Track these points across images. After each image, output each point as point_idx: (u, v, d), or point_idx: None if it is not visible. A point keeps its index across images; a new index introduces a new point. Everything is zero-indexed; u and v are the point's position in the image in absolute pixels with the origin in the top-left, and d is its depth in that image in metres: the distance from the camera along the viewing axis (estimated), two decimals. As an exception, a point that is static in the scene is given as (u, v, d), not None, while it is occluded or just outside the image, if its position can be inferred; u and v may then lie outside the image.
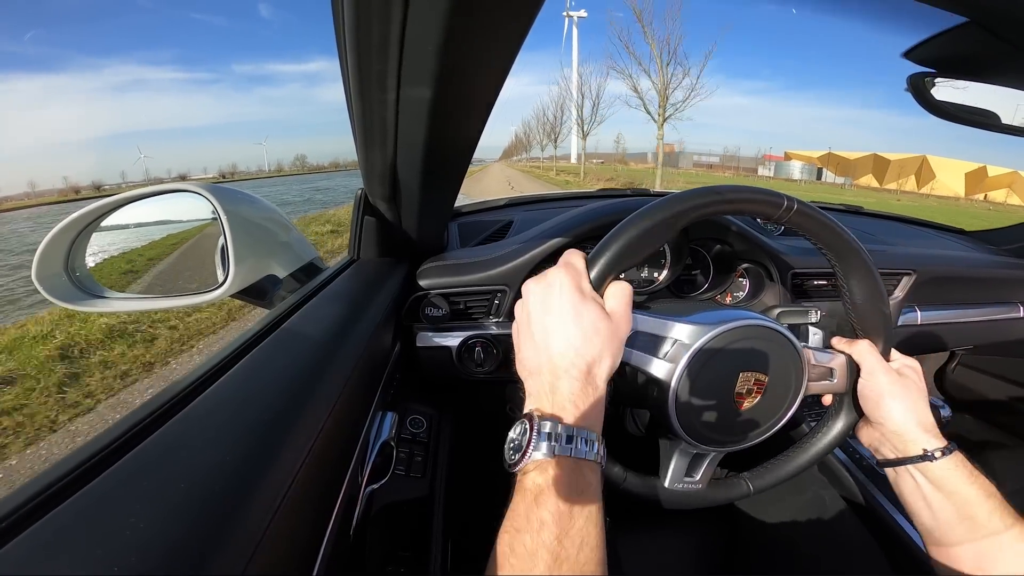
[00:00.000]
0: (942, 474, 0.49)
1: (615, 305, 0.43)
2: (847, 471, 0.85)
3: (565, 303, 0.41)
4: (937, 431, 0.52)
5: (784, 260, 0.85)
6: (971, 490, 0.48)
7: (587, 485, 0.35)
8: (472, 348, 0.79)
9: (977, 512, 0.47)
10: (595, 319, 0.40)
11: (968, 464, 0.50)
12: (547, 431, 0.35)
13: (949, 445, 0.51)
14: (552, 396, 0.38)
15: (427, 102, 0.37)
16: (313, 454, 0.33)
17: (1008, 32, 0.58)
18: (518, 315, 0.45)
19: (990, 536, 0.46)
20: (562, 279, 0.42)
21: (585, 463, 0.36)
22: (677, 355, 0.49)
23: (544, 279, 0.44)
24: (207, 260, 0.71)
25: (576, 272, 0.43)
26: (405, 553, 0.61)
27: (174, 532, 0.23)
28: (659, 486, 0.55)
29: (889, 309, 0.54)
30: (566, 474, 0.34)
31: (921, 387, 0.54)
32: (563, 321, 0.40)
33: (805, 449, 0.58)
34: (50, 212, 33.06)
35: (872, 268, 0.52)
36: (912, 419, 0.52)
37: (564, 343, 0.39)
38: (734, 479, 0.58)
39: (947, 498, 0.49)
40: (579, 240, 0.80)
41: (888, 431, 0.53)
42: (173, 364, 3.17)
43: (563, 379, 0.38)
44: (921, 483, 0.51)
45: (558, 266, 0.44)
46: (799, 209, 0.48)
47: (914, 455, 0.51)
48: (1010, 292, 1.12)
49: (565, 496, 0.33)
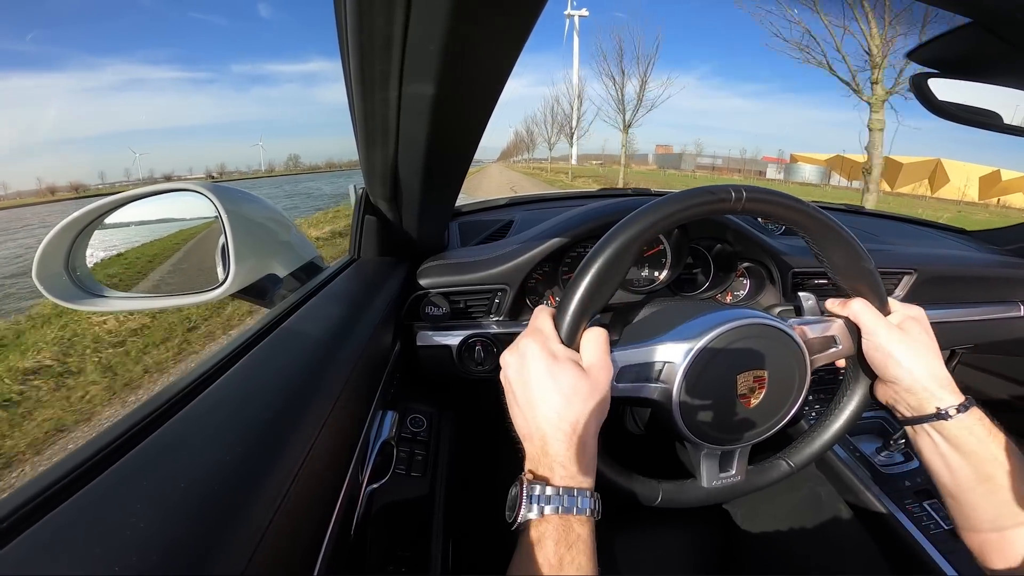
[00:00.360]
0: (958, 432, 0.48)
1: (591, 356, 0.44)
2: (845, 467, 0.85)
3: (540, 371, 0.42)
4: (952, 385, 0.50)
5: (784, 259, 0.85)
6: (989, 448, 0.47)
7: (576, 538, 0.37)
8: (472, 347, 0.79)
9: (995, 471, 0.46)
10: (572, 379, 0.41)
11: (986, 420, 0.48)
12: (536, 494, 0.38)
13: (965, 401, 0.49)
14: (543, 459, 0.40)
15: (429, 102, 0.37)
16: (314, 453, 0.33)
17: (1010, 33, 0.58)
18: (504, 385, 0.46)
19: (1010, 500, 0.45)
20: (532, 347, 0.43)
21: (574, 518, 0.38)
22: (670, 375, 0.49)
23: (516, 349, 0.45)
24: (207, 259, 0.71)
25: (543, 336, 0.44)
26: (405, 553, 0.61)
27: (174, 532, 0.23)
28: (699, 488, 0.54)
29: (872, 264, 0.52)
30: (555, 529, 0.37)
31: (927, 338, 0.52)
32: (541, 389, 0.42)
33: (836, 417, 0.58)
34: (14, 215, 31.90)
35: (842, 230, 0.51)
36: (923, 374, 0.50)
37: (547, 409, 0.41)
38: (772, 461, 0.58)
39: (964, 457, 0.47)
40: (579, 240, 0.80)
41: (900, 389, 0.51)
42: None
43: (551, 442, 0.40)
44: (938, 442, 0.49)
45: (527, 333, 0.45)
46: (749, 196, 0.47)
47: (928, 413, 0.49)
48: (1011, 291, 1.11)
49: (554, 549, 0.36)
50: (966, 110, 0.75)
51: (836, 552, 0.78)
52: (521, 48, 0.32)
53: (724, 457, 0.55)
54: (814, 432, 0.59)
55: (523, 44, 0.32)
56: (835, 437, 0.57)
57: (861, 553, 0.77)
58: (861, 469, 0.84)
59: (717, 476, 0.55)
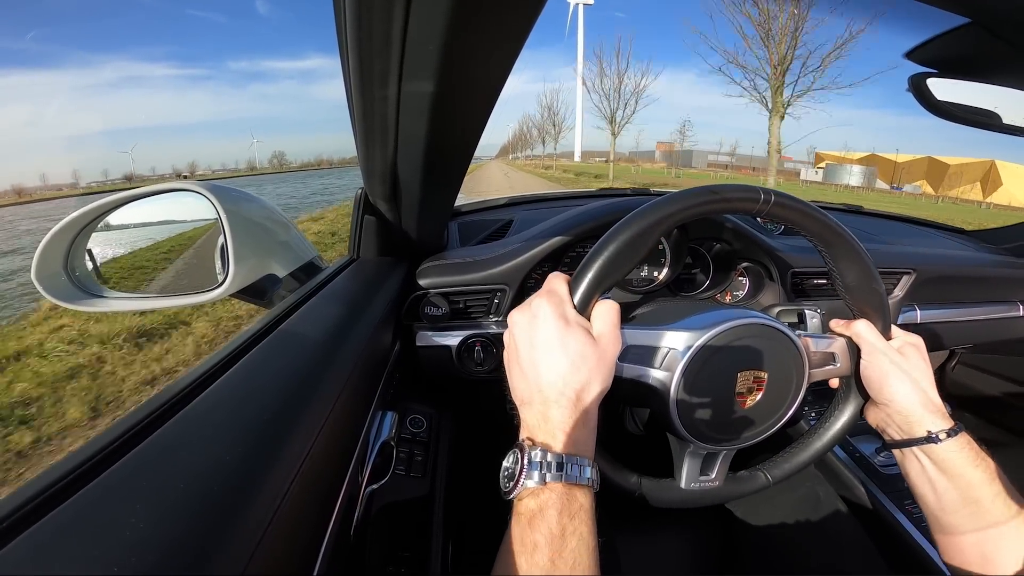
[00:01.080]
0: (947, 456, 0.49)
1: (602, 327, 0.43)
2: (845, 467, 0.85)
3: (550, 333, 0.41)
4: (943, 411, 0.51)
5: (783, 259, 0.85)
6: (976, 473, 0.47)
7: (579, 508, 0.36)
8: (472, 347, 0.79)
9: (982, 495, 0.47)
10: (581, 346, 0.41)
11: (974, 445, 0.49)
12: (538, 460, 0.37)
13: (955, 426, 0.50)
14: (544, 424, 0.39)
15: (428, 101, 0.37)
16: (313, 454, 0.33)
17: (1009, 33, 0.58)
18: (507, 345, 0.45)
19: (994, 525, 0.46)
20: (545, 308, 0.42)
21: (576, 487, 0.37)
22: (672, 363, 0.49)
23: (528, 309, 0.44)
24: (207, 259, 0.71)
25: (558, 299, 0.43)
26: (405, 553, 0.61)
27: (174, 532, 0.23)
28: (675, 487, 0.54)
29: (882, 287, 0.53)
30: (558, 498, 0.36)
31: (923, 365, 0.53)
32: (549, 351, 0.41)
33: (819, 436, 0.58)
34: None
35: (859, 248, 0.51)
36: (916, 399, 0.51)
37: (552, 373, 0.40)
38: (751, 472, 0.58)
39: (951, 481, 0.48)
40: (579, 239, 0.80)
41: (892, 412, 0.52)
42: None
43: (553, 408, 0.39)
44: (926, 465, 0.50)
45: (540, 293, 0.44)
46: (777, 201, 0.47)
47: (919, 436, 0.50)
48: (1010, 291, 1.12)
49: (557, 519, 0.35)
50: (964, 109, 0.75)
51: (835, 551, 0.78)
52: (521, 46, 0.32)
53: (707, 459, 0.55)
54: (796, 448, 0.59)
55: (523, 42, 0.32)
56: (816, 455, 0.58)
57: (860, 553, 0.77)
58: (860, 469, 0.84)
59: (696, 478, 0.55)
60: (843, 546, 0.78)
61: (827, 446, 0.57)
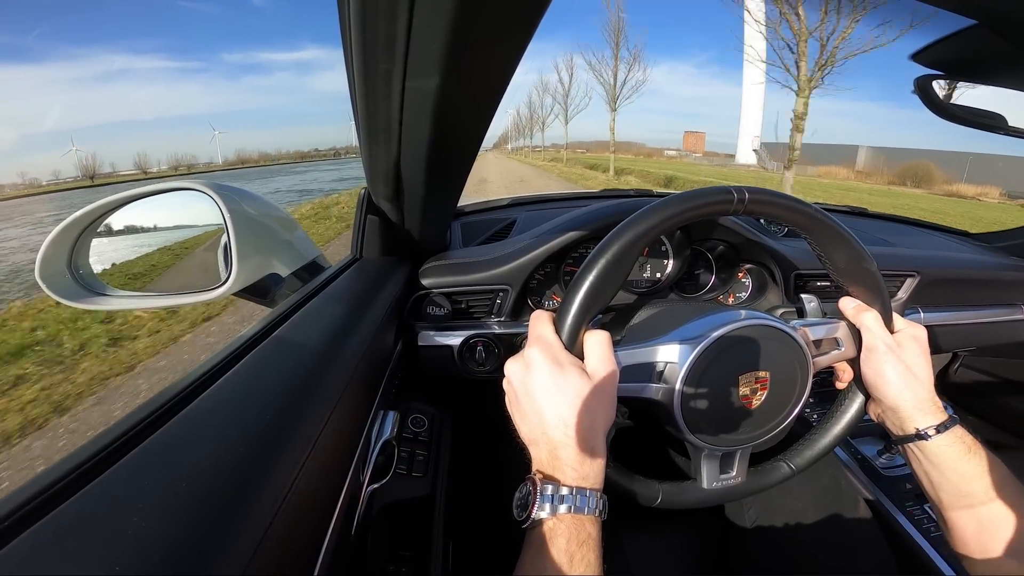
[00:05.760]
0: (938, 451, 0.49)
1: (594, 360, 0.44)
2: (847, 469, 0.85)
3: (545, 379, 0.42)
4: (937, 405, 0.51)
5: (787, 261, 0.84)
6: (968, 466, 0.48)
7: (587, 536, 0.38)
8: (474, 347, 0.79)
9: (975, 488, 0.47)
10: (578, 386, 0.42)
11: (967, 438, 0.50)
12: (548, 493, 0.39)
13: (946, 421, 0.50)
14: (553, 462, 0.41)
15: (432, 100, 0.37)
16: (315, 453, 0.33)
17: (1016, 35, 0.58)
18: (507, 393, 0.46)
19: (990, 518, 0.46)
20: (536, 356, 0.43)
21: (585, 517, 0.39)
22: (671, 375, 0.49)
23: (520, 359, 0.45)
24: (209, 258, 0.71)
25: (547, 344, 0.44)
26: (406, 553, 0.61)
27: (175, 531, 0.23)
28: (698, 488, 0.54)
29: (875, 266, 0.52)
30: (567, 528, 0.38)
31: (922, 360, 0.53)
32: (547, 397, 0.42)
33: (837, 419, 0.58)
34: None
35: (843, 230, 0.50)
36: (908, 397, 0.51)
37: (554, 417, 0.41)
38: (773, 463, 0.58)
39: (944, 474, 0.49)
40: (581, 240, 0.80)
41: (886, 407, 0.53)
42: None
43: (560, 448, 0.41)
44: (921, 459, 0.51)
45: (530, 342, 0.45)
46: (752, 197, 0.47)
47: (910, 433, 0.51)
48: (1013, 294, 1.11)
49: (565, 547, 0.37)
50: (970, 112, 0.75)
51: (836, 552, 0.78)
52: (526, 45, 0.32)
53: (725, 459, 0.55)
54: (815, 434, 0.58)
55: (528, 40, 0.31)
56: (836, 439, 0.57)
57: (861, 553, 0.77)
58: (862, 471, 0.84)
59: (717, 478, 0.54)
60: (844, 547, 0.78)
61: (846, 429, 0.57)
